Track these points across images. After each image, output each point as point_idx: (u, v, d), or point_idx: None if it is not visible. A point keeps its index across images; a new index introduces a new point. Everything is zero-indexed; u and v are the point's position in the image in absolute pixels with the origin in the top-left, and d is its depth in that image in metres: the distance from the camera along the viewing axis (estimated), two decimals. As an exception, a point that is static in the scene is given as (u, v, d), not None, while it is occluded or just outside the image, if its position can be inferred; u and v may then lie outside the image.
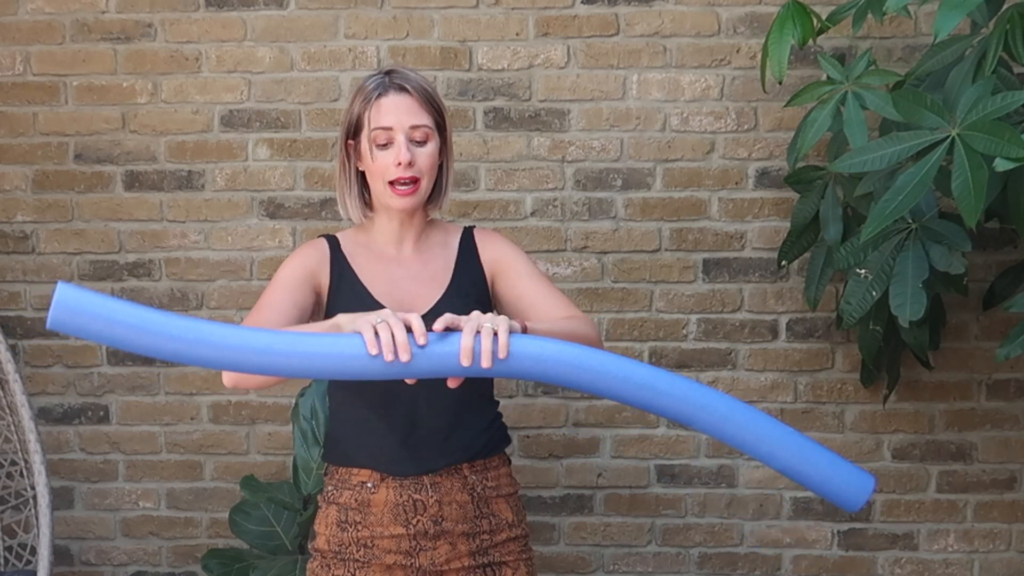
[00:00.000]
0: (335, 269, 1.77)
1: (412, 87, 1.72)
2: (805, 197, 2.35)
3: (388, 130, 1.70)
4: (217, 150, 2.57)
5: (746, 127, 2.53)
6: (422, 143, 1.72)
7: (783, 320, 2.57)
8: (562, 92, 2.53)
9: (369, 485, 1.73)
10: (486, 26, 2.52)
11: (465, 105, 2.54)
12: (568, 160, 2.54)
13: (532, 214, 2.56)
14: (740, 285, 2.56)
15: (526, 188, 2.55)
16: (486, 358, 1.40)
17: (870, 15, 2.09)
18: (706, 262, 2.56)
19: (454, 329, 1.43)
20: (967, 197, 1.78)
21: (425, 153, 1.72)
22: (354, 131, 1.75)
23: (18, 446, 2.49)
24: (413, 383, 1.51)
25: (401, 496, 1.71)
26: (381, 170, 1.71)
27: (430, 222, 1.84)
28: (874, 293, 2.06)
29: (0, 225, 2.61)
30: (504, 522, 1.78)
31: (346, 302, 1.70)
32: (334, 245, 1.80)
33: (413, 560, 1.71)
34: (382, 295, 1.74)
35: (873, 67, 2.06)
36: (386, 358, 1.38)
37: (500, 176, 2.56)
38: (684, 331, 2.57)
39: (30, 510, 2.50)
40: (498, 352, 1.40)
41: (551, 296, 1.75)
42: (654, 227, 2.56)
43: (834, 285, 2.50)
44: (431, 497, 1.72)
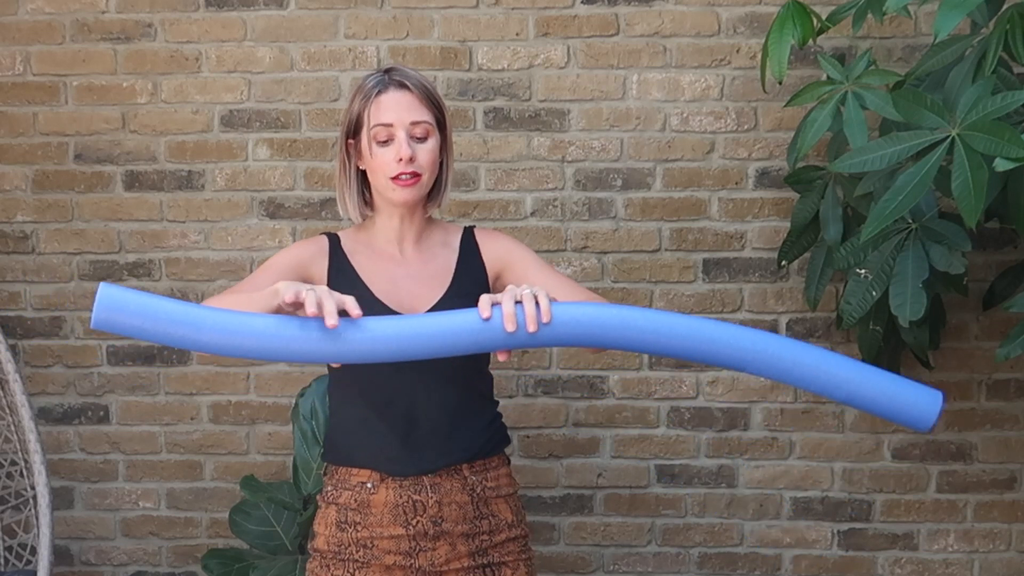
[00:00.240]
0: (333, 265, 1.77)
1: (412, 84, 1.72)
2: (805, 197, 2.35)
3: (388, 127, 1.70)
4: (217, 150, 2.57)
5: (746, 127, 2.53)
6: (423, 139, 1.72)
7: (783, 320, 2.57)
8: (562, 92, 2.53)
9: (369, 485, 1.73)
10: (486, 26, 2.52)
11: (465, 105, 2.54)
12: (568, 160, 2.54)
13: (532, 214, 2.56)
14: (740, 285, 2.56)
15: (526, 188, 2.55)
16: (531, 322, 1.40)
17: (870, 15, 2.09)
18: (706, 262, 2.56)
19: (496, 305, 1.43)
20: (967, 197, 1.77)
21: (426, 149, 1.72)
22: (354, 130, 1.75)
23: (18, 446, 2.49)
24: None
25: (401, 497, 1.71)
26: (382, 167, 1.71)
27: (431, 222, 1.84)
28: (874, 293, 2.05)
29: (0, 225, 2.61)
30: (504, 522, 1.78)
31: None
32: (334, 243, 1.80)
33: (412, 561, 1.71)
34: (383, 294, 1.74)
35: (873, 67, 2.06)
36: (316, 316, 1.37)
37: (500, 176, 2.55)
38: (684, 331, 2.57)
39: (30, 510, 2.50)
40: (541, 317, 1.41)
41: (566, 283, 1.74)
42: (654, 227, 2.56)
43: (834, 285, 2.50)
44: (431, 498, 1.71)
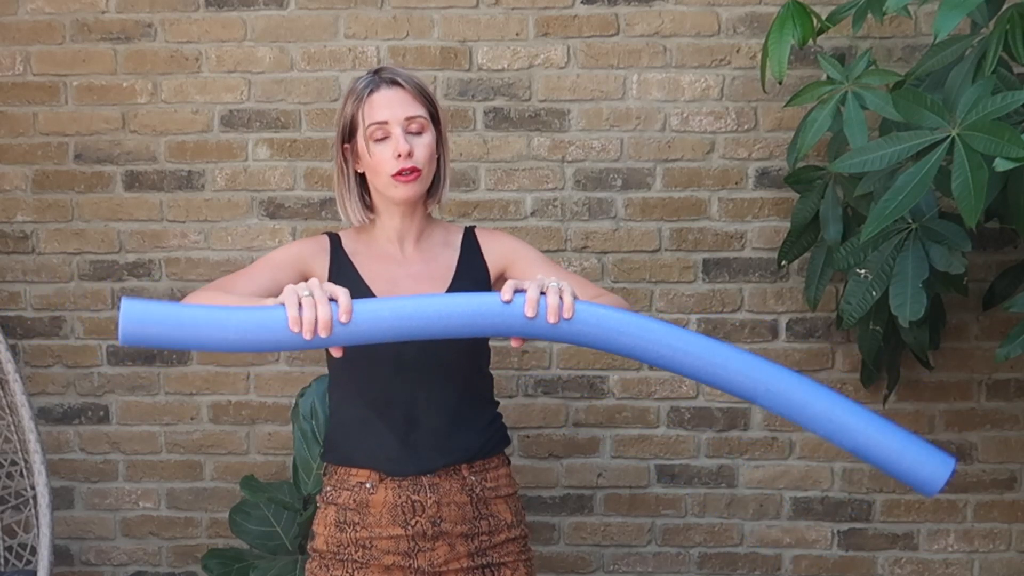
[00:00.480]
0: (334, 264, 1.77)
1: (403, 80, 1.72)
2: (805, 197, 2.35)
3: (383, 124, 1.70)
4: (217, 150, 2.57)
5: (746, 127, 2.53)
6: (418, 134, 1.71)
7: (783, 320, 2.57)
8: (562, 92, 2.53)
9: (368, 485, 1.73)
10: (486, 26, 2.52)
11: (465, 105, 2.54)
12: (568, 160, 2.54)
13: (532, 214, 2.56)
14: (740, 285, 2.56)
15: (526, 188, 2.55)
16: (552, 314, 1.39)
17: (870, 15, 2.09)
18: (706, 262, 2.56)
19: (519, 292, 1.43)
20: (967, 197, 1.77)
21: (422, 143, 1.71)
22: (349, 133, 1.75)
23: (18, 446, 2.49)
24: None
25: (400, 497, 1.71)
26: (381, 165, 1.70)
27: (431, 221, 1.84)
28: (874, 293, 2.05)
29: (0, 225, 2.61)
30: (503, 523, 1.77)
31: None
32: (335, 242, 1.80)
33: (412, 561, 1.71)
34: (383, 293, 1.73)
35: (873, 67, 2.06)
36: (305, 336, 1.35)
37: (500, 176, 2.55)
38: (684, 331, 2.57)
39: (30, 510, 2.50)
40: (564, 311, 1.40)
41: (574, 280, 1.72)
42: (654, 227, 2.55)
43: (834, 285, 2.50)
44: (430, 498, 1.71)
